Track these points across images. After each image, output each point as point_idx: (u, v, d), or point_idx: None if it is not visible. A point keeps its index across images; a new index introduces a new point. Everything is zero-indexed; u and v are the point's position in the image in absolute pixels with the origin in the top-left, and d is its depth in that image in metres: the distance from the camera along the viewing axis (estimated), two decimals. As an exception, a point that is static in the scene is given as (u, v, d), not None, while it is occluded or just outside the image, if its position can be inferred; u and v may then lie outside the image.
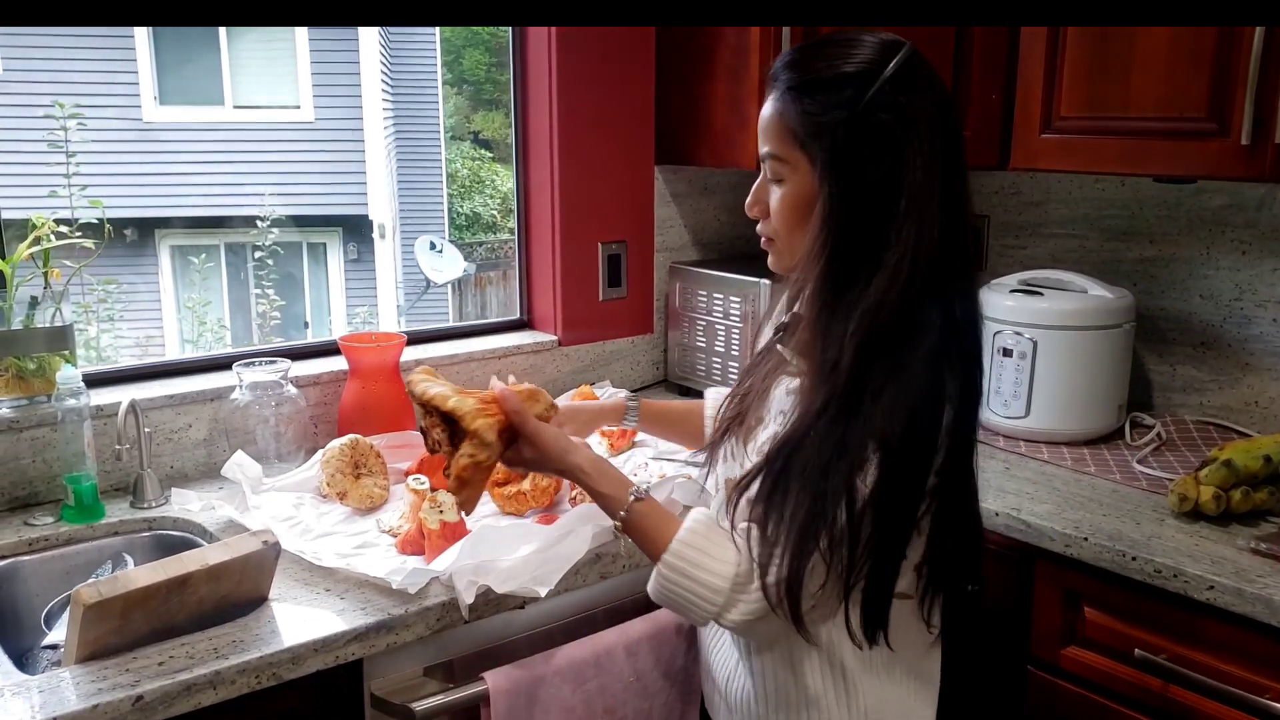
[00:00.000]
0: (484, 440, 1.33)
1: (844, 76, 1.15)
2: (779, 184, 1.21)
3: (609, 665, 1.53)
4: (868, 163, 1.13)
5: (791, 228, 1.21)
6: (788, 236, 1.22)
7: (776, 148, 1.20)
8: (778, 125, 1.19)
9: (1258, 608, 1.43)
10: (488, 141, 11.11)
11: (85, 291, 5.76)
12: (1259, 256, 2.03)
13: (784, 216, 1.21)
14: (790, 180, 1.19)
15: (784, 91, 1.19)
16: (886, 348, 1.12)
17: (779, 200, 1.21)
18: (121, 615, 1.25)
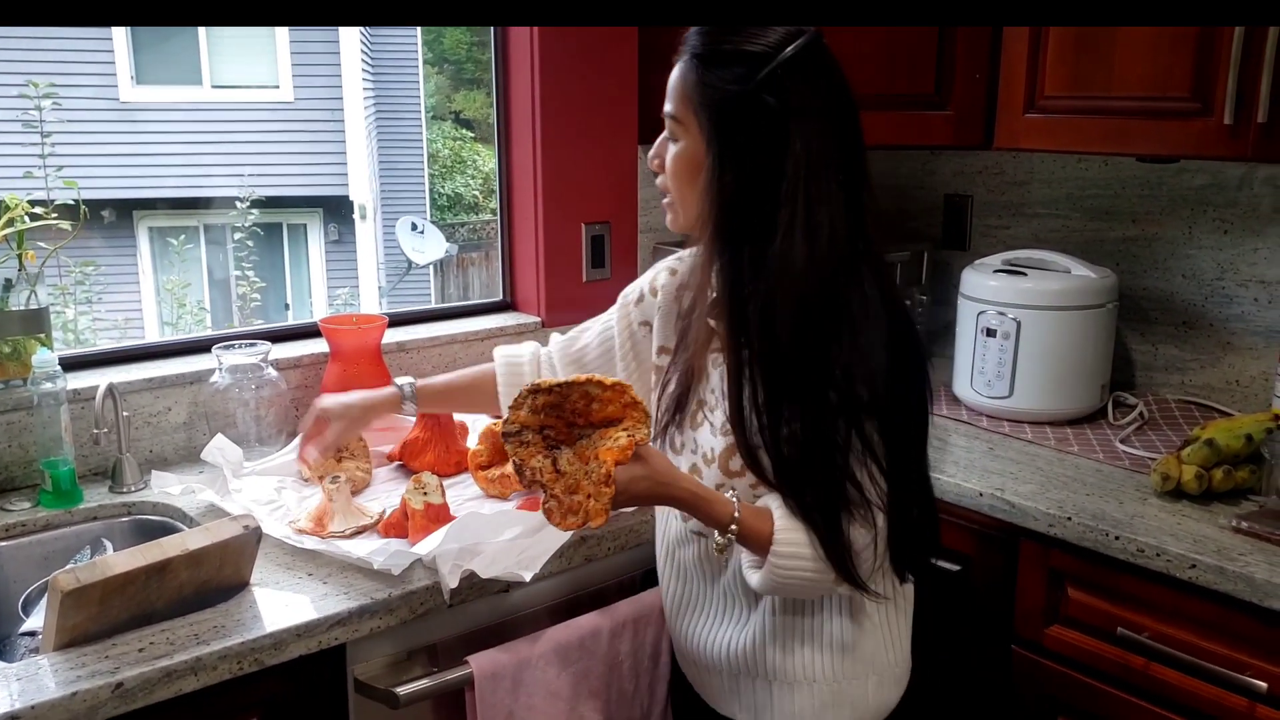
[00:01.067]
0: (646, 412, 1.23)
1: (742, 54, 1.22)
2: (675, 142, 1.29)
3: (594, 648, 1.53)
4: (749, 139, 1.21)
5: (683, 185, 1.29)
6: (679, 194, 1.30)
7: (675, 109, 1.27)
8: (679, 88, 1.27)
9: (1239, 586, 1.44)
10: (469, 121, 11.05)
11: (63, 274, 5.71)
12: (1240, 236, 2.04)
13: (676, 173, 1.29)
14: (684, 140, 1.27)
15: (689, 58, 1.26)
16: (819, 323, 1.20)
17: (673, 157, 1.29)
18: (100, 602, 1.24)
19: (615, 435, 1.20)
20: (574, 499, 1.19)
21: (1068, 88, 1.90)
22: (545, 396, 1.20)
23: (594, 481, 1.19)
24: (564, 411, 1.21)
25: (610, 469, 1.19)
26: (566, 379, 1.21)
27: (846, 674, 1.35)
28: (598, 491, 1.19)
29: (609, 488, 1.19)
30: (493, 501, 1.71)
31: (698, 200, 1.26)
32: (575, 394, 1.20)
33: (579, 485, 1.20)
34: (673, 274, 1.47)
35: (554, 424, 1.21)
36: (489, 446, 1.76)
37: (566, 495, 1.20)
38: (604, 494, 1.19)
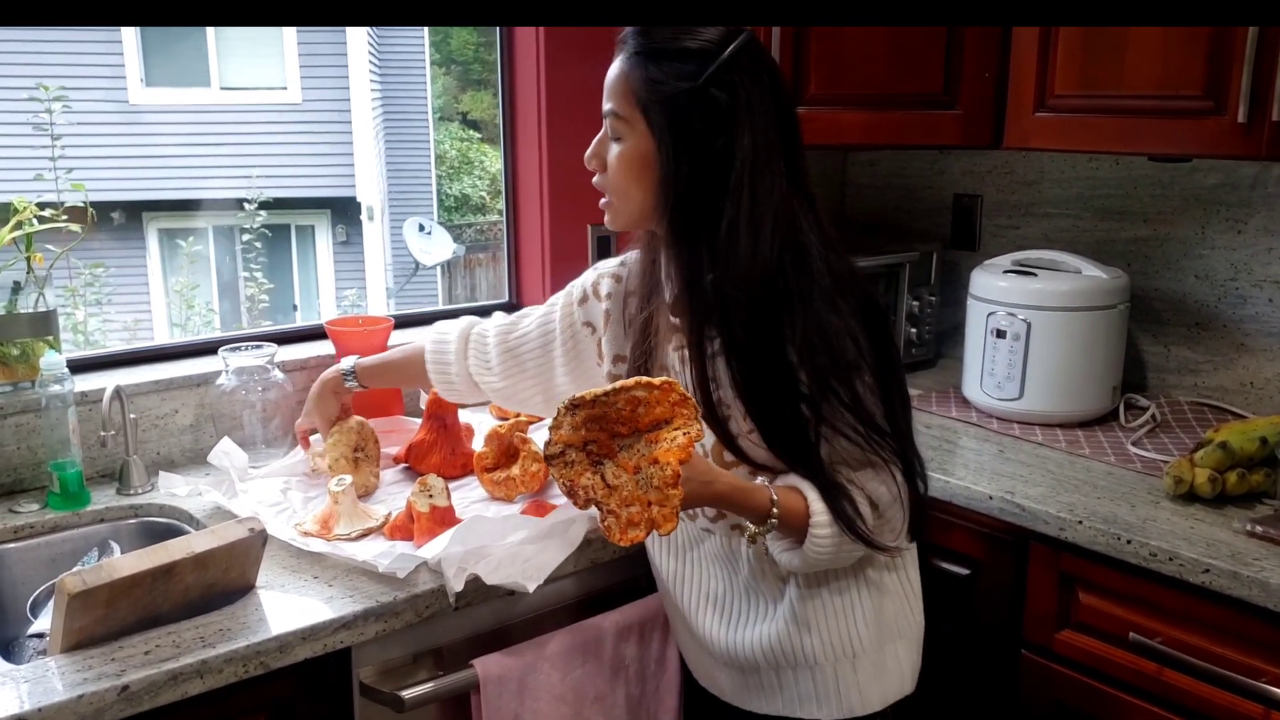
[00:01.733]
0: (695, 407, 1.18)
1: (687, 51, 1.24)
2: (618, 141, 1.29)
3: (599, 651, 1.52)
4: (702, 133, 1.23)
5: (627, 183, 1.29)
6: (623, 192, 1.30)
7: (619, 106, 1.28)
8: (622, 85, 1.27)
9: (1254, 591, 1.42)
10: (476, 122, 11.04)
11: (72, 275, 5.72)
12: (1254, 236, 2.02)
13: (620, 172, 1.29)
14: (629, 138, 1.28)
15: (631, 55, 1.27)
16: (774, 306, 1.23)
17: (616, 156, 1.29)
18: (106, 604, 1.24)
19: (669, 436, 1.16)
20: (631, 511, 1.15)
21: (1078, 86, 1.88)
22: (588, 410, 1.15)
23: (656, 487, 1.14)
24: (607, 422, 1.16)
25: (678, 470, 1.14)
26: (610, 387, 1.15)
27: (880, 642, 1.37)
28: (663, 496, 1.14)
29: (677, 489, 1.14)
30: (498, 504, 1.71)
31: (644, 197, 1.28)
32: (621, 401, 1.15)
33: (634, 496, 1.15)
34: (618, 280, 1.48)
35: (596, 436, 1.17)
36: (494, 449, 1.75)
37: (623, 509, 1.15)
38: (672, 497, 1.14)
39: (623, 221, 1.34)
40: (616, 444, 1.17)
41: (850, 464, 1.28)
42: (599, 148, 1.33)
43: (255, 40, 8.40)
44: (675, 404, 1.16)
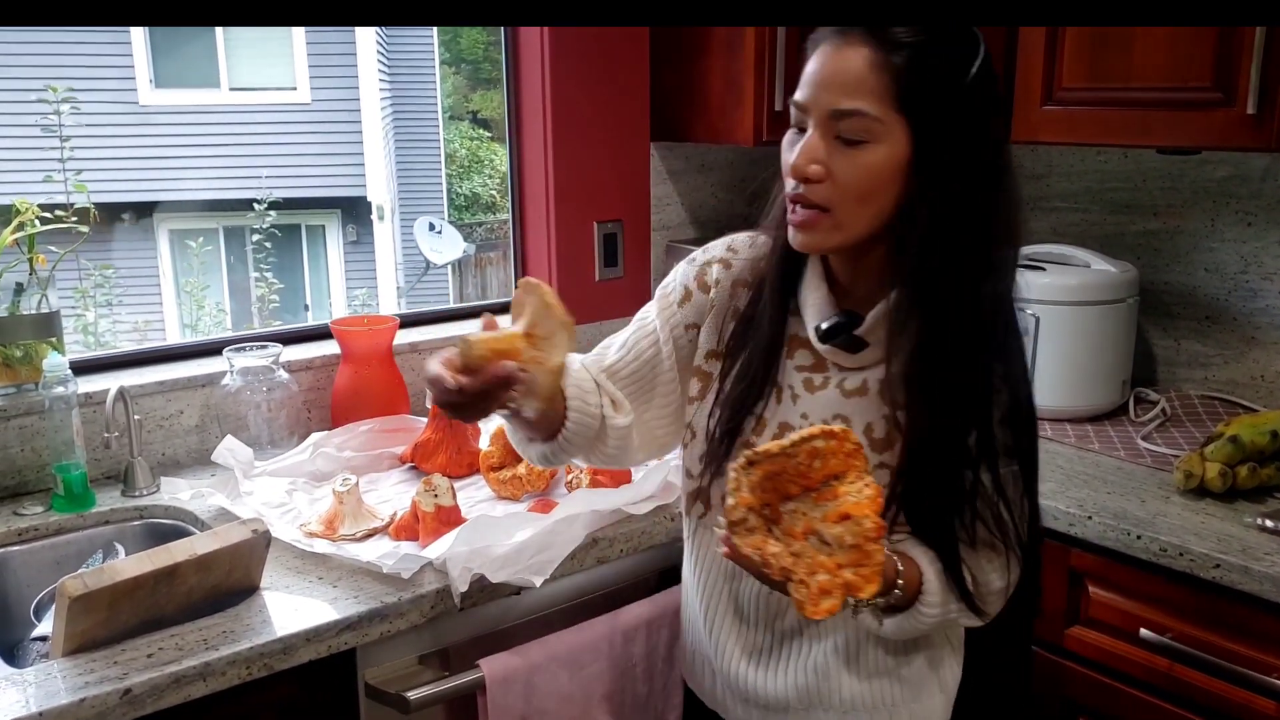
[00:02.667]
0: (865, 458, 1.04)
1: (952, 36, 1.05)
2: (856, 146, 1.06)
3: (606, 651, 1.52)
4: (974, 135, 1.06)
5: (863, 198, 1.07)
6: (854, 208, 1.08)
7: (870, 105, 1.04)
8: (876, 79, 1.04)
9: (1265, 585, 1.41)
10: (486, 121, 11.04)
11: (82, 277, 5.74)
12: (1264, 228, 2.00)
13: (860, 184, 1.06)
14: (880, 145, 1.05)
15: (885, 41, 1.04)
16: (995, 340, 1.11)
17: (859, 166, 1.06)
18: (109, 607, 1.23)
19: (848, 490, 1.02)
20: (821, 579, 1.00)
21: (1086, 79, 1.87)
22: (766, 465, 1.01)
23: (851, 545, 1.00)
24: (782, 479, 1.02)
25: (880, 523, 1.00)
26: (792, 438, 1.01)
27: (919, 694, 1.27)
28: (862, 555, 1.00)
29: (878, 545, 1.00)
30: (504, 503, 1.70)
31: (878, 213, 1.08)
32: (802, 454, 1.01)
33: (818, 562, 1.00)
34: (727, 267, 1.25)
35: (769, 498, 1.03)
36: (500, 448, 1.74)
37: (812, 576, 1.00)
38: (874, 554, 1.00)
39: (836, 241, 1.10)
40: (784, 505, 1.04)
41: (970, 542, 1.15)
42: (815, 152, 1.07)
43: (264, 41, 8.42)
44: (849, 455, 1.02)
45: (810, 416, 1.19)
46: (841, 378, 1.18)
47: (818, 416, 1.18)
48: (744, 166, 2.56)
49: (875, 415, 1.17)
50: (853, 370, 1.18)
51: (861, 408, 1.17)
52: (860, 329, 1.14)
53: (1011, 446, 1.14)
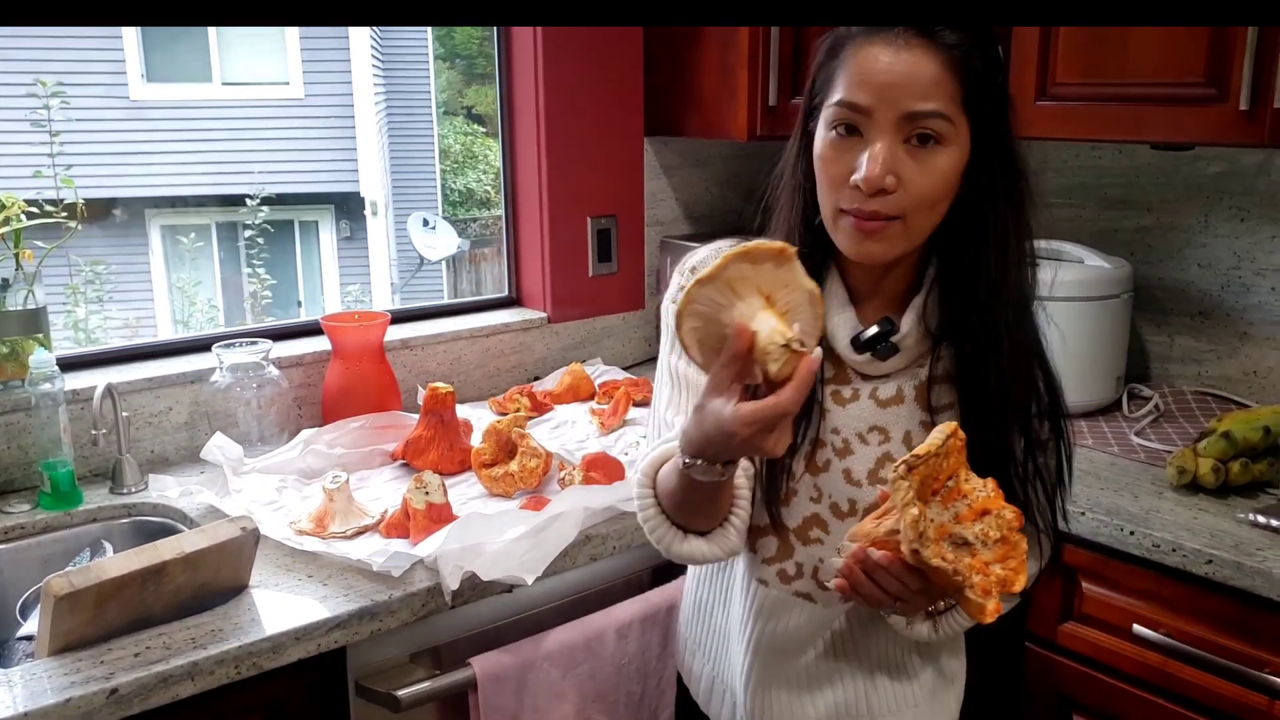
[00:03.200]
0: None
1: (989, 36, 1.04)
2: (927, 149, 1.02)
3: (599, 649, 1.51)
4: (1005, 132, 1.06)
5: (934, 204, 1.04)
6: (925, 214, 1.04)
7: (946, 105, 1.01)
8: (949, 81, 1.01)
9: (1257, 581, 1.40)
10: (481, 116, 11.01)
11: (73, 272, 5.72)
12: (1257, 224, 1.99)
13: (934, 189, 1.03)
14: (950, 146, 1.02)
15: (955, 44, 1.01)
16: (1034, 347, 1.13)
17: (931, 170, 1.02)
18: (95, 606, 1.22)
19: (974, 486, 1.00)
20: (978, 581, 0.96)
21: (1080, 74, 1.86)
22: (923, 469, 0.96)
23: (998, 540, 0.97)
24: (926, 483, 0.98)
25: (1017, 511, 0.99)
26: (936, 438, 0.98)
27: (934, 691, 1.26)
28: (1009, 548, 0.98)
29: (1021, 534, 0.99)
30: (496, 500, 1.69)
31: (937, 222, 1.06)
32: (942, 452, 0.98)
33: (967, 566, 0.97)
34: None
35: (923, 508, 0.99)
36: (493, 444, 1.74)
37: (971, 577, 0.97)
38: (1020, 543, 0.98)
39: (902, 249, 1.07)
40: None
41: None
42: (892, 161, 1.01)
43: (257, 36, 8.38)
44: (958, 453, 1.00)
45: (842, 431, 1.14)
46: (873, 387, 1.15)
47: (852, 430, 1.14)
48: (738, 161, 2.55)
49: (913, 423, 1.15)
50: (881, 379, 1.15)
51: (899, 416, 1.14)
52: (898, 336, 1.11)
53: (1049, 438, 1.15)
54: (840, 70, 1.05)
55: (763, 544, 1.19)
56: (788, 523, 1.17)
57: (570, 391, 2.14)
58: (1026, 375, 1.11)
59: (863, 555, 0.99)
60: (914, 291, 1.13)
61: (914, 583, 0.99)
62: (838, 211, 1.06)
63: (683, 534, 1.10)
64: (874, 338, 1.11)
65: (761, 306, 0.92)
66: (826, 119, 1.06)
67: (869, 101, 1.02)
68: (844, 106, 1.03)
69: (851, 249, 1.07)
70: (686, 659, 1.36)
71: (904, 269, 1.12)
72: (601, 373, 2.27)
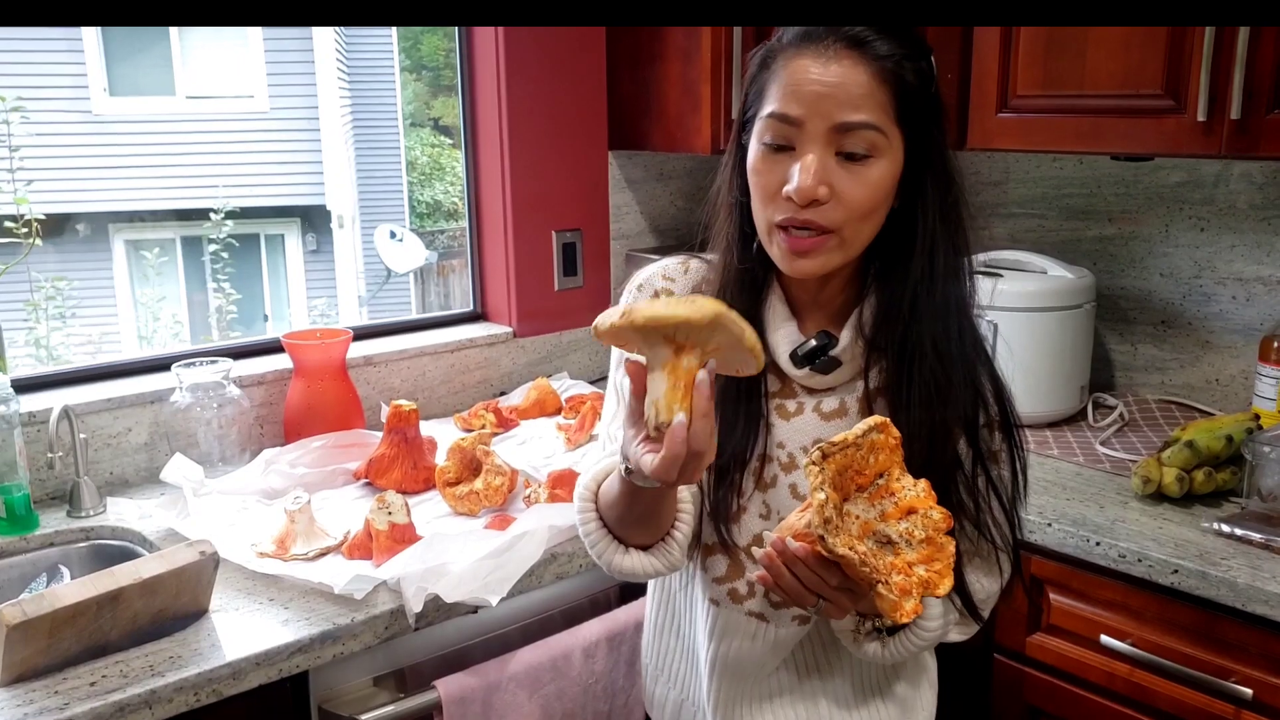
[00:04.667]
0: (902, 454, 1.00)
1: (919, 44, 1.03)
2: (859, 161, 1.01)
3: (566, 668, 1.50)
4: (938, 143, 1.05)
5: (867, 215, 1.03)
6: (858, 226, 1.03)
7: (877, 116, 1.00)
8: (881, 93, 1.00)
9: (1222, 591, 1.41)
10: (448, 128, 10.97)
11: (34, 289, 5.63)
12: (1217, 233, 2.01)
13: (867, 201, 1.02)
14: (883, 157, 1.01)
15: (886, 55, 1.00)
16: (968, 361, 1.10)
17: (863, 182, 1.01)
18: (49, 635, 1.20)
19: (901, 486, 0.98)
20: (897, 580, 0.94)
21: (1040, 86, 1.87)
22: (839, 458, 0.95)
23: (922, 540, 0.96)
24: (844, 477, 0.96)
25: (945, 513, 0.97)
26: (859, 429, 0.96)
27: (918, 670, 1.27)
28: (935, 550, 0.95)
29: (949, 536, 0.96)
30: (461, 519, 1.67)
31: (875, 229, 1.05)
32: (866, 446, 0.96)
33: (888, 565, 0.95)
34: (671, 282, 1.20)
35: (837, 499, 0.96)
36: (457, 462, 1.72)
37: (890, 576, 0.94)
38: (946, 547, 0.96)
39: (838, 262, 1.05)
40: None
41: (971, 549, 1.13)
42: (824, 173, 1.00)
43: (220, 47, 8.32)
44: (892, 450, 0.98)
45: (787, 445, 1.13)
46: (816, 401, 1.14)
47: (796, 444, 1.13)
48: (702, 175, 2.55)
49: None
50: (824, 392, 1.14)
51: (842, 429, 1.09)
52: (836, 349, 1.10)
53: (999, 450, 1.13)
54: (772, 82, 1.04)
55: (712, 563, 1.17)
56: (738, 541, 1.15)
57: (536, 406, 2.13)
58: (958, 386, 1.08)
59: (781, 546, 0.96)
60: (857, 303, 1.12)
61: (831, 577, 0.96)
62: (772, 226, 1.05)
63: (624, 548, 1.09)
64: (812, 351, 1.10)
65: (667, 359, 0.91)
66: (758, 131, 1.05)
67: (800, 113, 1.00)
68: (775, 118, 1.02)
69: (786, 265, 1.06)
70: (649, 685, 1.34)
71: (842, 281, 1.11)
72: (568, 387, 2.26)
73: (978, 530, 1.11)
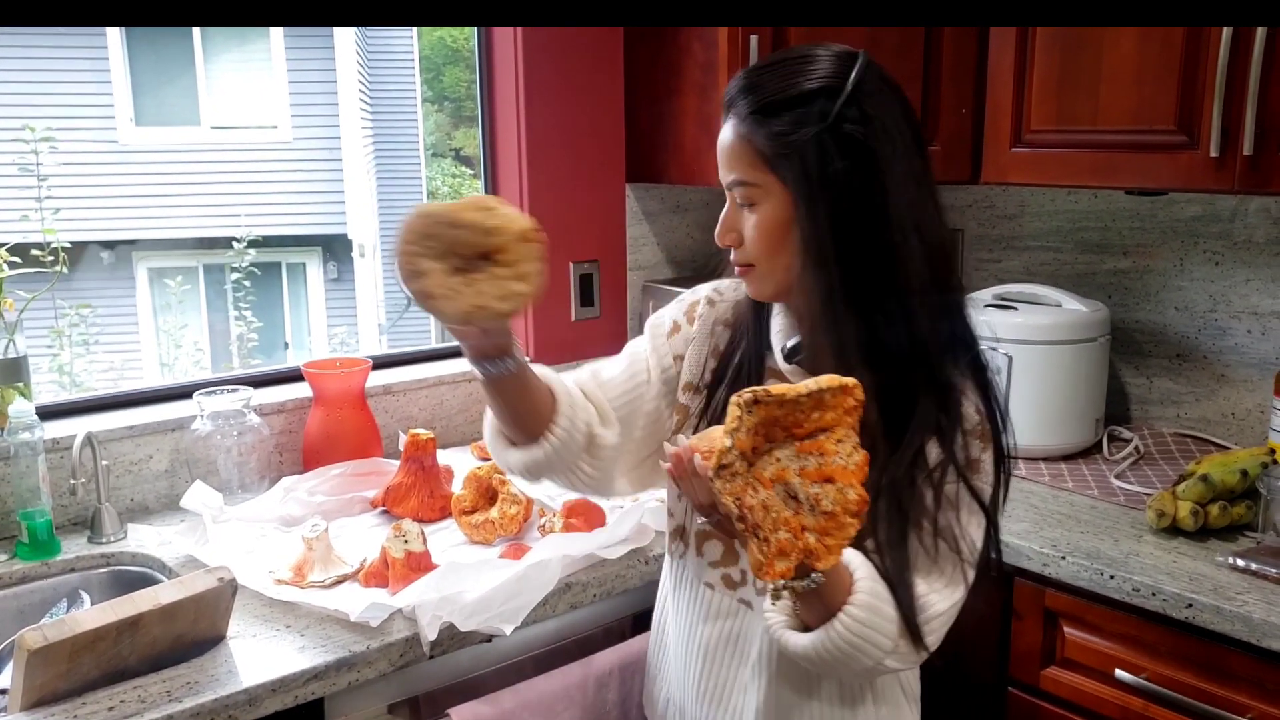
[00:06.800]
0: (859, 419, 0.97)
1: (809, 93, 1.12)
2: (751, 209, 1.16)
3: (579, 698, 1.50)
4: (844, 175, 1.11)
5: (772, 252, 1.16)
6: (769, 261, 1.17)
7: (745, 173, 1.15)
8: (745, 150, 1.15)
9: (1236, 625, 1.41)
10: (469, 158, 11.07)
11: (58, 316, 5.70)
12: (1232, 267, 2.02)
13: (763, 242, 1.16)
14: (764, 204, 1.15)
15: (747, 115, 1.14)
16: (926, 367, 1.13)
17: (755, 226, 1.16)
18: (69, 659, 1.21)
19: (835, 449, 0.95)
20: (780, 537, 0.93)
21: (1054, 121, 1.89)
22: (772, 409, 0.93)
23: (826, 511, 0.94)
24: (777, 427, 0.95)
25: (864, 496, 0.95)
26: (807, 386, 0.94)
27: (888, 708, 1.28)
28: (836, 524, 0.94)
29: (857, 520, 0.94)
30: (477, 547, 1.69)
31: (791, 262, 1.15)
32: (809, 402, 0.95)
33: (784, 518, 0.94)
34: (711, 305, 1.33)
35: (760, 444, 0.95)
36: (473, 491, 1.73)
37: (774, 533, 0.94)
38: (848, 527, 0.94)
39: (771, 291, 1.20)
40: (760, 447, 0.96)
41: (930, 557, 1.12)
42: (730, 221, 1.18)
43: (245, 78, 8.44)
44: (848, 410, 0.96)
45: None
46: None
47: None
48: (719, 207, 2.55)
49: None
50: None
51: None
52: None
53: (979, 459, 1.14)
54: None
55: (709, 547, 1.27)
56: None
57: (553, 436, 2.14)
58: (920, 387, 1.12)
59: (688, 456, 1.02)
60: None
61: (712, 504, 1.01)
62: None
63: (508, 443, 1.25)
64: (794, 347, 1.23)
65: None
66: None
67: (720, 173, 1.20)
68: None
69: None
70: (648, 686, 1.42)
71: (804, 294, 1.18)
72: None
73: (937, 535, 1.12)
